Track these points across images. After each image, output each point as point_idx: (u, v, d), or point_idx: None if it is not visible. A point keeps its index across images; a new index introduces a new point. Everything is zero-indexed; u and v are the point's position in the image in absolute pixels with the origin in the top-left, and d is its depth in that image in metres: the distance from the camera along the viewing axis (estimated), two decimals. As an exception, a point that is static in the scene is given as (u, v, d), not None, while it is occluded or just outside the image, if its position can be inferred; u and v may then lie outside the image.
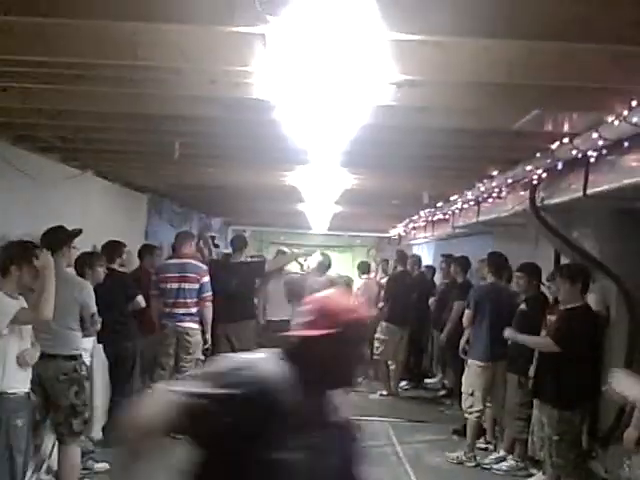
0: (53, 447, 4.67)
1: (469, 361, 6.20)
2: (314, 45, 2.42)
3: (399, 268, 9.17)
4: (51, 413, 4.47)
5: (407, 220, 10.55)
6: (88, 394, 4.72)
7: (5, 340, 3.70)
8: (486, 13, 2.26)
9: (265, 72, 2.72)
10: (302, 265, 9.18)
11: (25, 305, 3.80)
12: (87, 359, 4.85)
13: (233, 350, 7.11)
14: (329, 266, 8.67)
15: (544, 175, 4.57)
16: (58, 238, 4.59)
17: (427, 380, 9.49)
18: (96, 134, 4.46)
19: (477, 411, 6.10)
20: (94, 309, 4.67)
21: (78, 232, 4.82)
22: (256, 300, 7.60)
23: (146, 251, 7.09)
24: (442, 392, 8.68)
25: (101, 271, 5.34)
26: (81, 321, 4.62)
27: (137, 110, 3.61)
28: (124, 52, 2.62)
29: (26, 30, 2.52)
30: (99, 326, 4.80)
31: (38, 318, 3.88)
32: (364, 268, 9.98)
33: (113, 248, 5.98)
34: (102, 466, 4.92)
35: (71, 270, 4.89)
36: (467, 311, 6.27)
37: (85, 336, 4.69)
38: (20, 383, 3.79)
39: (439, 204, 7.63)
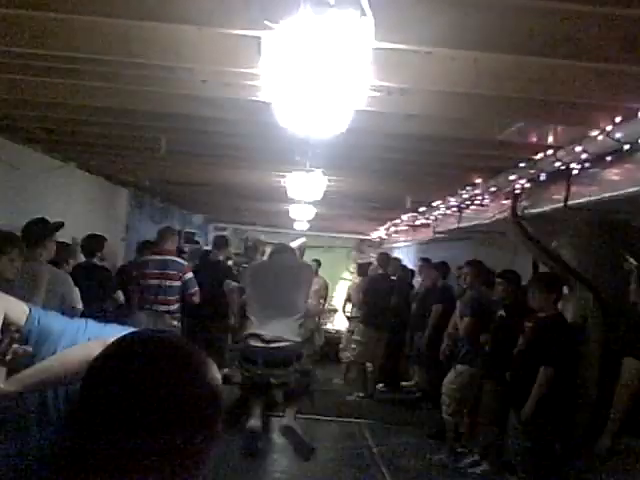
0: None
1: (459, 366, 6.22)
2: (306, 50, 2.43)
3: (379, 271, 9.21)
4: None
5: (389, 223, 10.60)
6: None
7: None
8: (477, 26, 2.31)
9: (258, 74, 2.74)
10: None
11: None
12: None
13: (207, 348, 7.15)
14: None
15: (526, 185, 4.64)
16: (40, 231, 4.55)
17: (404, 383, 9.55)
18: (82, 127, 4.44)
19: (457, 412, 6.18)
20: (76, 302, 4.63)
21: (60, 225, 4.78)
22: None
23: (145, 247, 7.02)
24: (418, 394, 8.74)
25: (72, 264, 5.31)
26: (61, 314, 4.59)
27: (126, 106, 3.61)
28: (117, 48, 2.62)
29: (16, 22, 2.51)
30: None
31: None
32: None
33: (94, 242, 5.93)
34: None
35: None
36: (468, 319, 6.26)
37: None
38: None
39: (421, 209, 7.68)
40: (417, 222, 8.40)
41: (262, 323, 5.33)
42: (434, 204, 7.04)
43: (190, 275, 6.43)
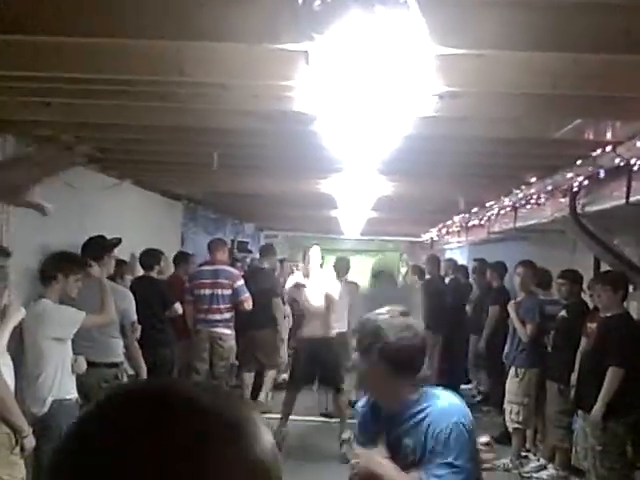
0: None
1: (520, 370, 6.09)
2: (357, 59, 2.43)
3: (433, 273, 9.11)
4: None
5: (440, 225, 10.49)
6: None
7: (63, 348, 3.81)
8: (529, 26, 2.26)
9: (307, 86, 2.74)
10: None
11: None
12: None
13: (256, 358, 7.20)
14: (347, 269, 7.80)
15: (585, 182, 4.52)
16: (99, 248, 4.68)
17: (462, 386, 9.41)
18: (136, 145, 4.53)
19: (525, 420, 6.04)
20: (134, 317, 4.74)
21: (118, 241, 4.90)
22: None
23: (181, 258, 7.18)
24: (478, 398, 8.60)
25: (128, 280, 5.43)
26: (121, 329, 4.69)
27: (180, 123, 3.67)
28: (170, 68, 2.66)
29: (72, 48, 2.57)
30: (139, 334, 4.86)
31: (105, 320, 4.17)
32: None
33: (151, 256, 6.07)
34: None
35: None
36: (530, 326, 6.14)
37: (125, 344, 4.76)
38: (73, 389, 3.90)
39: (474, 209, 7.57)
40: (470, 223, 8.28)
41: None
42: (487, 204, 6.93)
43: (241, 282, 6.55)
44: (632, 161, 3.76)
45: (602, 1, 2.12)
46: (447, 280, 9.56)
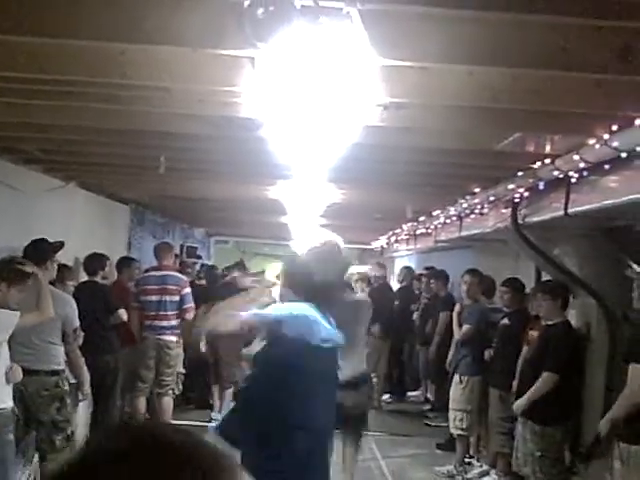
0: (35, 466, 4.61)
1: (464, 377, 6.18)
2: (302, 68, 2.45)
3: (379, 280, 9.18)
4: (32, 429, 4.41)
5: (390, 233, 10.60)
6: (70, 410, 4.65)
7: None
8: (471, 41, 2.32)
9: (253, 92, 2.75)
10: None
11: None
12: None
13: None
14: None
15: (526, 193, 4.64)
16: (41, 252, 4.55)
17: (410, 393, 9.51)
18: (80, 147, 4.45)
19: (469, 427, 6.14)
20: (77, 324, 4.63)
21: (60, 245, 4.78)
22: None
23: (124, 264, 7.02)
24: (427, 406, 8.70)
25: (71, 285, 5.32)
26: (63, 335, 4.58)
27: (124, 126, 3.62)
28: (112, 71, 2.64)
29: (14, 48, 2.53)
30: (81, 340, 4.76)
31: (42, 318, 4.03)
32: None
33: (95, 261, 5.94)
34: None
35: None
36: (467, 326, 6.26)
37: (71, 352, 4.64)
38: (8, 398, 3.77)
39: (422, 218, 7.69)
40: (418, 231, 8.40)
41: None
42: (434, 213, 7.05)
43: (188, 290, 6.45)
44: (570, 173, 3.88)
45: (540, 20, 2.18)
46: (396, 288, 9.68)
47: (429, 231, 7.88)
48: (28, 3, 2.21)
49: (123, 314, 6.02)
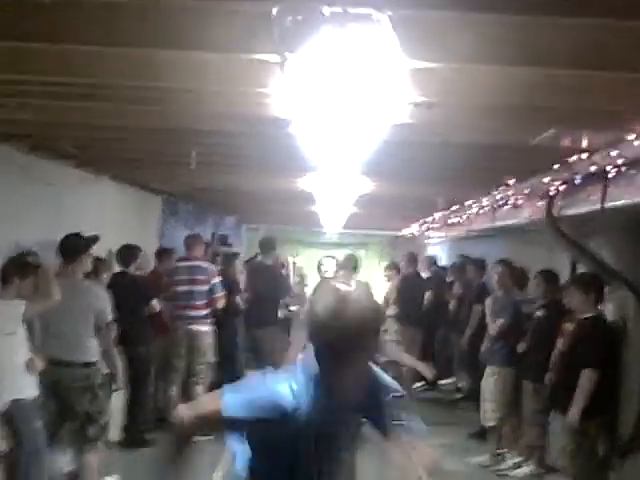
0: (72, 454, 4.71)
1: (496, 369, 6.13)
2: (331, 71, 2.42)
3: (410, 269, 9.13)
4: (67, 420, 4.51)
5: (421, 220, 10.53)
6: (104, 401, 4.73)
7: (12, 348, 3.75)
8: (504, 42, 2.27)
9: (283, 94, 2.73)
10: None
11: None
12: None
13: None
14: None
15: (562, 187, 4.55)
16: (75, 246, 4.61)
17: (441, 382, 9.48)
18: (114, 144, 4.49)
19: (501, 418, 6.10)
20: (110, 317, 4.69)
21: (95, 239, 4.83)
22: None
23: (163, 254, 7.11)
24: (458, 395, 8.67)
25: (105, 278, 5.39)
26: (97, 328, 4.65)
27: (157, 125, 3.64)
28: (144, 74, 2.64)
29: (49, 54, 2.55)
30: (114, 333, 4.82)
31: (49, 301, 4.03)
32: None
33: (128, 252, 6.02)
34: None
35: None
36: (501, 321, 6.19)
37: (105, 344, 4.71)
38: (30, 388, 3.85)
39: (454, 208, 7.61)
40: (450, 221, 8.32)
41: None
42: (467, 203, 6.97)
43: (217, 280, 6.51)
44: (608, 168, 3.80)
45: (576, 22, 2.12)
46: (425, 276, 9.62)
47: (461, 220, 7.80)
48: (62, 12, 2.21)
49: (156, 305, 6.11)
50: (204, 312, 6.47)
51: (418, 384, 9.07)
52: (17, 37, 2.28)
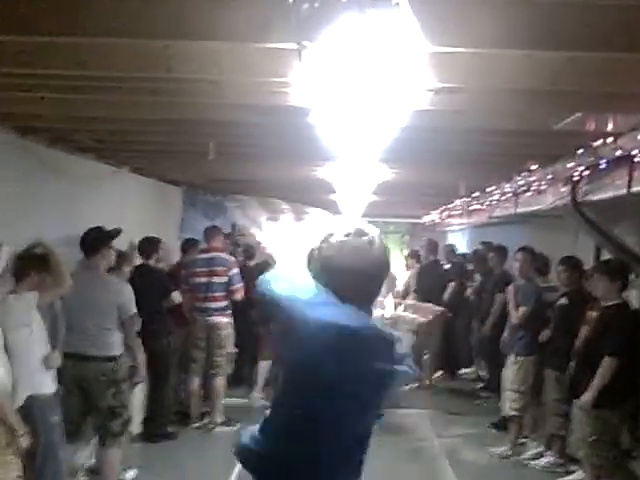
0: (93, 448, 4.73)
1: (519, 358, 6.06)
2: (350, 57, 2.37)
3: (430, 257, 9.05)
4: (90, 415, 4.52)
5: (442, 207, 10.44)
6: (127, 394, 4.73)
7: (27, 341, 3.74)
8: (527, 24, 2.21)
9: (301, 82, 2.69)
10: None
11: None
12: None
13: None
14: None
15: (586, 172, 4.47)
16: (96, 240, 4.61)
17: (463, 370, 9.42)
18: (132, 136, 4.48)
19: (523, 407, 6.04)
20: (133, 310, 4.67)
21: (117, 233, 4.82)
22: None
23: (189, 245, 7.09)
24: (479, 385, 8.60)
25: (127, 271, 5.38)
26: (120, 322, 4.65)
27: (173, 116, 3.62)
28: (157, 65, 2.61)
29: (61, 48, 2.54)
30: (139, 326, 4.80)
31: (61, 288, 3.95)
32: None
33: (149, 244, 6.00)
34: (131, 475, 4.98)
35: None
36: (523, 309, 6.12)
37: (130, 337, 4.70)
38: (48, 383, 3.84)
39: (476, 194, 7.52)
40: (471, 207, 8.24)
41: None
42: (489, 189, 6.88)
43: (235, 270, 6.47)
44: (634, 152, 3.71)
45: (601, 2, 2.05)
46: (446, 264, 9.55)
47: (483, 207, 7.71)
48: (76, 5, 2.19)
49: (177, 297, 6.10)
50: (223, 304, 6.44)
51: (438, 373, 9.03)
52: (35, 31, 2.27)
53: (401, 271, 10.16)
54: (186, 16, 2.17)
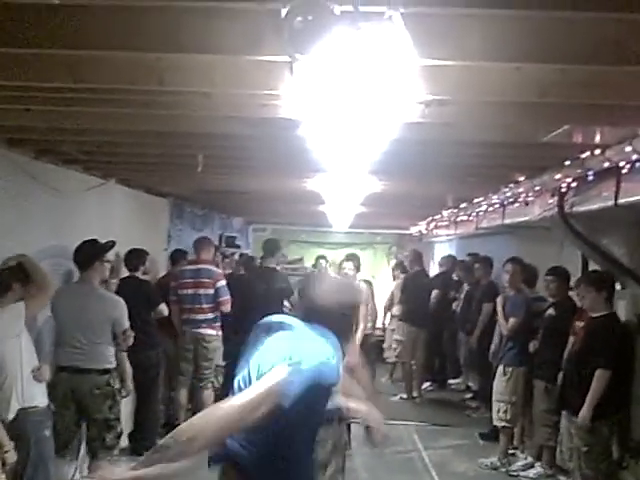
0: (82, 461, 4.69)
1: (508, 368, 6.07)
2: (341, 70, 2.38)
3: (415, 268, 9.05)
4: (84, 428, 4.48)
5: (429, 219, 10.47)
6: (120, 408, 4.70)
7: (19, 352, 3.70)
8: (517, 38, 2.22)
9: (292, 95, 2.69)
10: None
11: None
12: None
13: None
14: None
15: (573, 183, 4.50)
16: (88, 253, 4.58)
17: (450, 381, 9.42)
18: (120, 148, 4.46)
19: (513, 418, 6.04)
20: (126, 325, 4.66)
21: (110, 246, 4.79)
22: None
23: (178, 256, 7.06)
24: (468, 395, 8.60)
25: (114, 283, 5.36)
26: (113, 336, 4.63)
27: (162, 128, 3.61)
28: (149, 78, 2.60)
29: (50, 60, 2.53)
30: (132, 340, 4.77)
31: (44, 292, 3.94)
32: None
33: (136, 256, 5.99)
34: None
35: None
36: (513, 320, 6.13)
37: (118, 351, 4.68)
38: (40, 396, 3.81)
39: (463, 205, 7.55)
40: (459, 218, 8.26)
41: None
42: (476, 201, 6.91)
43: (223, 282, 6.45)
44: (621, 164, 3.74)
45: (590, 17, 2.07)
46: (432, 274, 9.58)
47: (470, 218, 7.74)
48: (64, 17, 2.18)
49: (164, 309, 6.07)
50: (210, 315, 6.42)
51: (427, 384, 9.02)
52: (21, 43, 2.26)
53: (388, 282, 10.15)
54: (179, 29, 2.16)
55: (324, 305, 2.44)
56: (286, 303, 6.81)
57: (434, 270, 10.94)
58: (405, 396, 8.58)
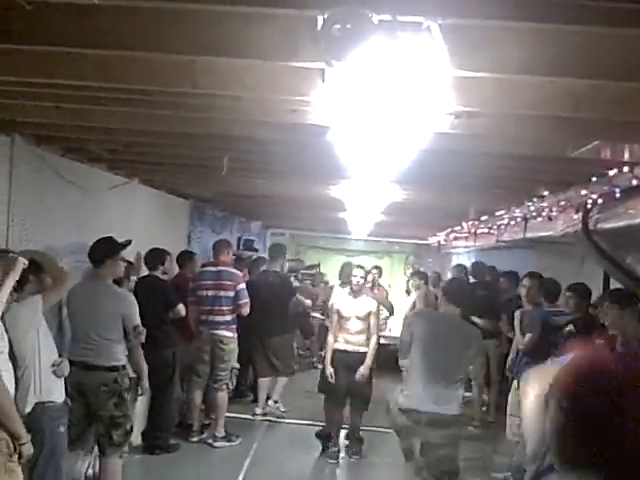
0: (95, 458, 4.70)
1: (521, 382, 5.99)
2: (374, 79, 2.38)
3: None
4: (92, 424, 4.49)
5: (449, 229, 10.43)
6: (130, 405, 4.70)
7: (36, 346, 3.71)
8: (552, 52, 2.22)
9: (324, 101, 2.70)
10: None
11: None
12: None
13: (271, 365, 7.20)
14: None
15: (599, 200, 4.46)
16: (102, 250, 4.59)
17: (466, 394, 9.33)
18: (147, 148, 4.49)
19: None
20: (137, 321, 4.64)
21: (126, 244, 4.80)
22: None
23: (185, 258, 7.08)
24: (484, 409, 8.52)
25: (133, 281, 5.37)
26: (124, 333, 4.62)
27: (191, 130, 3.63)
28: (183, 80, 2.62)
29: (84, 59, 2.55)
30: (143, 337, 4.77)
31: (65, 283, 3.99)
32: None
33: (156, 256, 6.00)
34: None
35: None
36: (529, 336, 6.07)
37: (133, 348, 4.68)
38: (58, 391, 3.82)
39: (484, 217, 7.52)
40: (479, 230, 8.22)
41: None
42: (497, 213, 6.88)
43: (242, 286, 6.46)
44: (649, 182, 3.71)
45: (623, 34, 2.06)
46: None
47: (491, 231, 7.69)
48: (99, 17, 2.20)
49: (182, 309, 6.07)
50: (229, 317, 6.42)
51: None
52: (55, 41, 2.28)
53: (401, 293, 10.03)
54: (215, 32, 2.18)
55: None
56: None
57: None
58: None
